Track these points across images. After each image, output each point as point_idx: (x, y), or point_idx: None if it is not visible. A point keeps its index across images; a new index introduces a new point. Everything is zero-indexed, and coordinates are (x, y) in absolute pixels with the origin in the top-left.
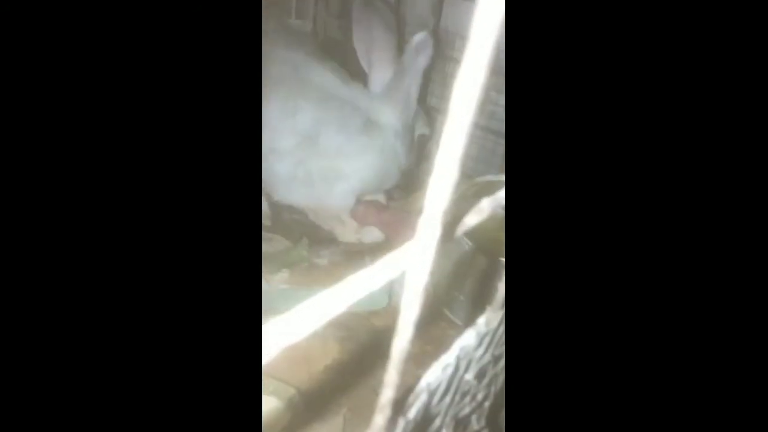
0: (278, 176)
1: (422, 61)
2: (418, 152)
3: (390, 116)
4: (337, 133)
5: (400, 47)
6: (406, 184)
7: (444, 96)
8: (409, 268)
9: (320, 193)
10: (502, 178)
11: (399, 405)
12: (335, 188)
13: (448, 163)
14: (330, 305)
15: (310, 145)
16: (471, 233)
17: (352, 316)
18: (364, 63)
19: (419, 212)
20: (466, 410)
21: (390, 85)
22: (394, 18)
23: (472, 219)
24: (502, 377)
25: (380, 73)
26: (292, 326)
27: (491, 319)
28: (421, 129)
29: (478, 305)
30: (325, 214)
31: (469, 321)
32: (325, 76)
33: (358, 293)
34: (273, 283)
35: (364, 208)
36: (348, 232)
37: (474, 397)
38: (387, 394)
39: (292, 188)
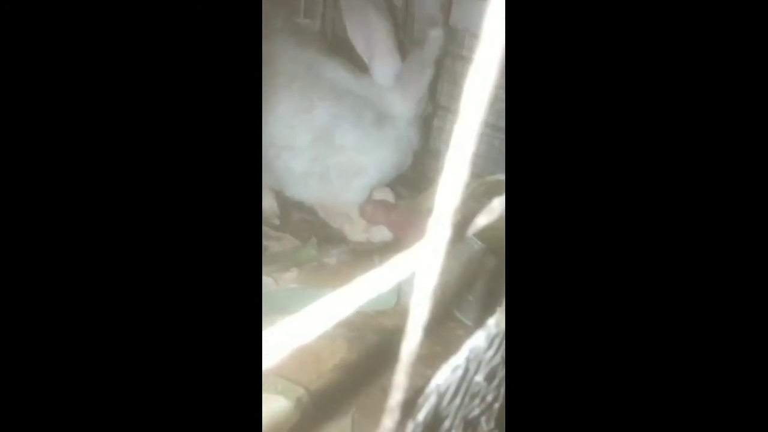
0: (293, 173)
1: (434, 52)
2: (428, 134)
3: (401, 106)
4: (353, 127)
5: (398, 35)
6: (415, 182)
7: (453, 94)
8: (419, 269)
9: (337, 188)
10: None
11: (408, 407)
12: (353, 183)
13: (458, 162)
14: (339, 306)
15: (326, 141)
16: (481, 233)
17: (361, 316)
18: (365, 56)
19: (428, 212)
20: (476, 412)
21: (399, 77)
22: (386, 5)
23: (482, 219)
24: None
25: (384, 65)
26: (302, 327)
27: (501, 320)
28: (428, 110)
29: (487, 306)
30: (338, 210)
31: (479, 322)
32: (337, 72)
33: (367, 294)
34: (282, 282)
35: (372, 207)
36: (357, 231)
37: (483, 399)
38: (396, 396)
39: (308, 185)
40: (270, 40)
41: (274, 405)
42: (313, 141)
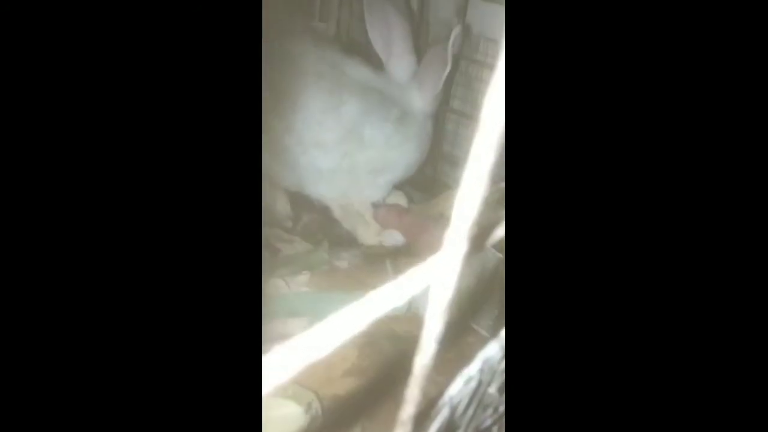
0: (320, 170)
1: (454, 50)
2: (441, 137)
3: (420, 102)
4: (382, 123)
5: (416, 33)
6: (428, 186)
7: (467, 98)
8: (434, 282)
9: (363, 184)
10: None
11: (420, 420)
12: (379, 179)
13: (477, 172)
14: (353, 320)
15: (356, 137)
16: (498, 243)
17: (372, 321)
18: (383, 55)
19: (440, 216)
20: (488, 422)
21: (416, 74)
22: (405, 6)
23: (501, 231)
24: None
25: (401, 64)
26: (315, 341)
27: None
28: (442, 108)
29: (501, 316)
30: (355, 210)
31: (495, 332)
32: (360, 70)
33: (381, 308)
34: (294, 285)
35: (385, 211)
36: (370, 234)
37: (496, 410)
38: (408, 410)
39: (334, 181)
40: (292, 41)
41: (283, 410)
42: (342, 137)
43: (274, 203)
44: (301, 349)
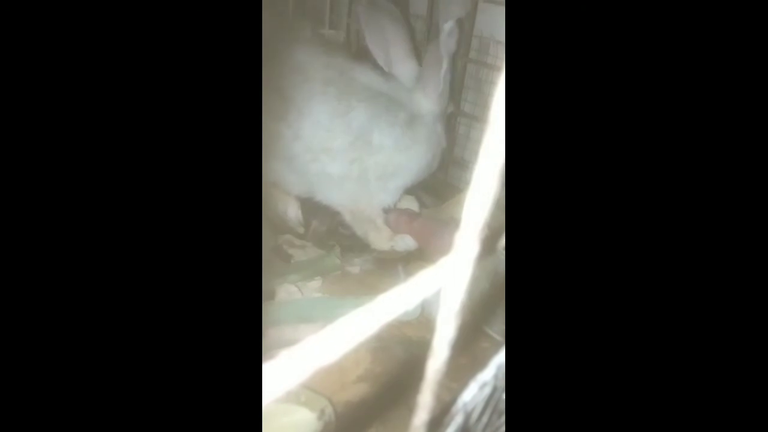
0: (330, 176)
1: (451, 47)
2: (452, 141)
3: (427, 104)
4: (390, 127)
5: (417, 42)
6: (439, 191)
7: (478, 102)
8: (446, 285)
9: (373, 189)
10: None
11: (434, 426)
12: (389, 184)
13: (487, 174)
14: (364, 323)
15: (364, 143)
16: None
17: (384, 326)
18: (383, 63)
19: (451, 221)
20: (503, 430)
21: (419, 76)
22: (400, 13)
23: None
24: None
25: (404, 69)
26: (326, 344)
27: None
28: (449, 108)
29: None
30: (367, 215)
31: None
32: (369, 75)
33: (393, 310)
34: (306, 291)
35: (396, 216)
36: (381, 239)
37: None
38: (421, 416)
39: (344, 187)
40: (300, 49)
41: (296, 416)
42: (351, 143)
43: (286, 210)
44: (313, 355)
